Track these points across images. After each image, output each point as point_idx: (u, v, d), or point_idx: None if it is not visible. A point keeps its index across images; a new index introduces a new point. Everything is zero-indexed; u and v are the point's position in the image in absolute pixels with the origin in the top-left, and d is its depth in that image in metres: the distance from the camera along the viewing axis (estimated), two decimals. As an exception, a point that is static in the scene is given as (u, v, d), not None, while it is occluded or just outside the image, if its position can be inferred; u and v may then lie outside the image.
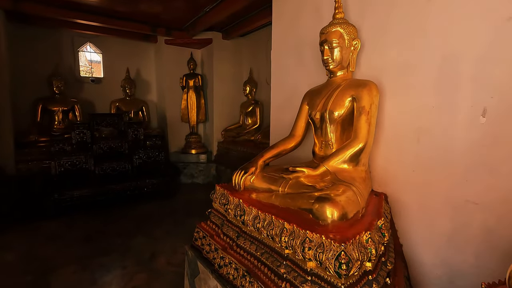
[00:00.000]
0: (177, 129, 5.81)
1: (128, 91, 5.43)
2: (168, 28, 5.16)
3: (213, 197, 1.80)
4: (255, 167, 1.59)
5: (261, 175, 1.58)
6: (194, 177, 5.38)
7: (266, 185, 1.54)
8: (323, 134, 1.59)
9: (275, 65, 2.36)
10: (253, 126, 5.07)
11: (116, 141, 4.38)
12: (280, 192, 1.48)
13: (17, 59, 4.59)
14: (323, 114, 1.56)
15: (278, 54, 2.33)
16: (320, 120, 1.59)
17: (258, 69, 5.32)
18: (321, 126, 1.61)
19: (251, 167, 1.59)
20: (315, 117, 1.64)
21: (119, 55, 5.68)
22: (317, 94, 1.67)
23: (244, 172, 1.57)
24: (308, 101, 1.73)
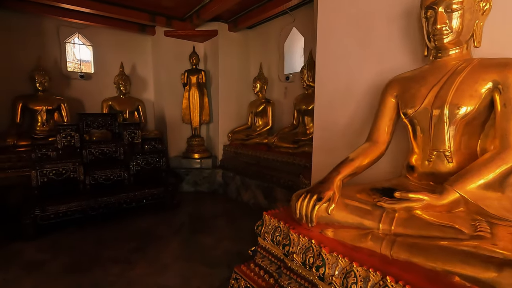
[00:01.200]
0: (178, 131, 5.23)
1: (122, 88, 4.83)
2: (168, 17, 4.58)
3: (261, 231, 1.26)
4: (332, 190, 1.06)
5: (343, 202, 1.06)
6: (197, 184, 4.81)
7: (354, 218, 1.02)
8: (435, 140, 1.08)
9: (323, 48, 1.83)
10: (265, 128, 4.54)
11: (110, 145, 3.78)
12: (382, 231, 0.95)
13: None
14: (439, 110, 1.04)
15: (327, 34, 1.81)
16: (430, 120, 1.08)
17: (268, 65, 4.80)
18: (430, 128, 1.09)
19: (326, 191, 1.06)
20: (416, 115, 1.12)
21: (112, 48, 5.06)
22: (416, 82, 1.15)
23: (317, 198, 1.04)
24: (398, 93, 1.21)
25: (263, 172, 3.93)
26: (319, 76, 1.88)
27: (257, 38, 5.06)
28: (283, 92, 4.60)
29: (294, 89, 4.39)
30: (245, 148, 4.47)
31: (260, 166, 4.04)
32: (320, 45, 1.85)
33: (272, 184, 3.66)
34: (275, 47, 4.67)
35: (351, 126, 1.68)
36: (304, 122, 3.79)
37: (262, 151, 4.08)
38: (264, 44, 4.90)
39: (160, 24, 4.54)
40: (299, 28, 4.24)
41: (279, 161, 3.71)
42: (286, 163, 3.60)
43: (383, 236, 0.95)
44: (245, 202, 4.17)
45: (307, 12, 4.03)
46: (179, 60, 5.12)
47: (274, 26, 4.66)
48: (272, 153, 3.88)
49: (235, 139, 4.79)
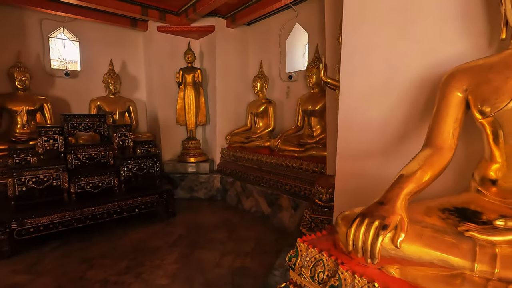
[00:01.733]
0: (172, 133, 4.90)
1: (112, 87, 4.48)
2: (162, 11, 4.26)
3: (295, 263, 0.98)
4: (398, 213, 0.79)
5: (416, 231, 0.79)
6: (194, 190, 4.49)
7: (432, 254, 0.75)
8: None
9: (350, 39, 1.57)
10: (266, 130, 4.26)
11: (98, 149, 3.44)
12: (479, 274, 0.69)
13: (-35, 44, 3.55)
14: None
15: (356, 22, 1.54)
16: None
17: (269, 63, 4.53)
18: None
19: (391, 215, 0.78)
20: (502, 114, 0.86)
21: (101, 44, 4.71)
22: (498, 72, 0.89)
23: (381, 226, 0.76)
24: (469, 86, 0.95)
25: (266, 178, 3.65)
26: (345, 70, 1.61)
27: (256, 34, 4.80)
28: (285, 91, 4.34)
29: (297, 89, 4.14)
30: (245, 152, 4.19)
31: (262, 171, 3.76)
32: (347, 35, 1.58)
33: (277, 191, 3.39)
34: (276, 44, 4.41)
35: (389, 126, 1.42)
36: (310, 123, 3.53)
37: (264, 155, 3.80)
38: (264, 41, 4.64)
39: (153, 18, 4.22)
40: (302, 23, 3.99)
41: (284, 166, 3.44)
42: (292, 168, 3.33)
43: (482, 282, 0.68)
44: (246, 209, 3.88)
45: (312, 6, 3.79)
46: (173, 58, 4.80)
47: (275, 22, 4.40)
48: (276, 157, 3.60)
49: (234, 141, 4.50)
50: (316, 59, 3.44)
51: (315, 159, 3.15)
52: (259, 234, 3.13)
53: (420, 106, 1.32)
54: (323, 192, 2.08)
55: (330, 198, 2.06)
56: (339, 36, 2.14)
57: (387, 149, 1.44)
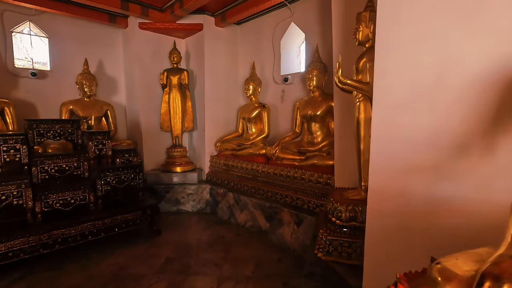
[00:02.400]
0: (155, 140, 4.47)
1: (87, 90, 4.00)
2: (145, 6, 3.87)
3: None
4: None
5: None
6: (180, 203, 4.08)
7: None
8: None
9: (388, 30, 1.31)
10: (259, 136, 3.95)
11: (71, 159, 2.98)
12: None
13: None
14: None
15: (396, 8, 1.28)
16: None
17: (261, 65, 4.25)
18: None
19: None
20: None
21: (74, 41, 4.22)
22: None
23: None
24: None
25: (263, 189, 3.33)
26: (380, 69, 1.35)
27: (246, 35, 4.51)
28: (280, 95, 4.07)
29: (293, 92, 3.88)
30: (237, 160, 3.85)
31: (258, 182, 3.44)
32: (382, 27, 1.32)
33: (276, 204, 3.08)
34: (269, 45, 4.14)
35: (441, 136, 1.16)
36: (310, 129, 3.26)
37: (260, 164, 3.49)
38: (256, 42, 4.36)
39: (134, 13, 3.82)
40: (298, 23, 3.75)
41: (284, 176, 3.14)
42: (293, 178, 3.04)
43: None
44: (240, 224, 3.53)
45: (308, 5, 3.56)
46: (157, 58, 4.40)
47: (268, 22, 4.14)
48: (274, 166, 3.30)
49: (224, 149, 4.16)
50: (316, 60, 3.20)
51: (318, 168, 2.88)
52: (259, 253, 2.80)
53: (484, 110, 1.07)
54: (342, 210, 1.80)
55: (351, 217, 1.78)
56: (356, 31, 1.89)
57: (438, 164, 1.18)
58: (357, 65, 1.89)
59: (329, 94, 3.18)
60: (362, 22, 1.85)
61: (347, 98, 2.39)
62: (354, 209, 1.79)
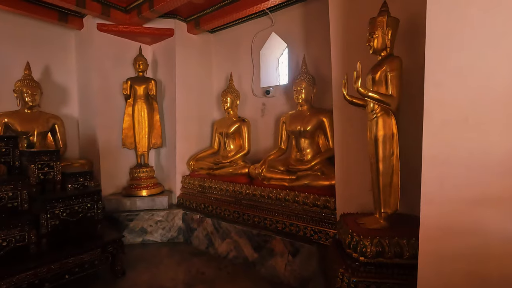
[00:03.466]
0: (115, 159, 3.84)
1: (28, 99, 3.27)
2: (105, 5, 3.35)
3: None
4: None
5: None
6: (147, 232, 3.49)
7: None
8: None
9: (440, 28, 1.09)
10: (239, 153, 3.58)
11: (4, 187, 2.29)
12: None
13: None
14: None
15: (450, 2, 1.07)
16: None
17: (238, 76, 3.95)
18: None
19: None
20: None
21: (12, 41, 3.48)
22: None
23: None
24: None
25: (248, 214, 2.95)
26: (433, 74, 1.11)
27: (221, 43, 4.19)
28: (260, 109, 3.78)
29: (274, 106, 3.62)
30: (215, 181, 3.43)
31: (242, 205, 3.05)
32: (434, 24, 1.10)
33: (266, 231, 2.71)
34: (247, 55, 3.87)
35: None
36: (299, 146, 3.00)
37: (243, 185, 3.11)
38: (232, 52, 4.06)
39: (92, 12, 3.27)
40: (280, 32, 3.55)
41: (273, 199, 2.80)
42: (284, 201, 2.72)
43: None
44: (221, 255, 3.07)
45: (291, 14, 3.39)
46: (119, 65, 3.84)
47: (245, 31, 3.88)
48: (260, 187, 2.95)
49: (199, 168, 3.70)
50: (304, 72, 2.98)
51: (312, 189, 2.60)
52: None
53: None
54: (367, 244, 1.51)
55: (377, 252, 1.50)
56: (371, 37, 1.68)
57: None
58: (373, 75, 1.67)
59: (318, 108, 2.98)
60: (378, 28, 1.65)
61: (348, 112, 2.18)
62: (380, 242, 1.52)
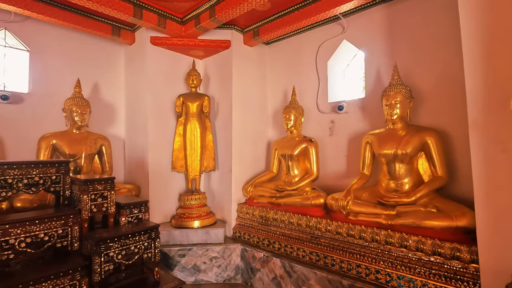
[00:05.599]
0: (164, 184, 3.45)
1: (77, 119, 3.00)
2: (162, 15, 3.07)
3: None
4: None
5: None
6: (200, 271, 3.00)
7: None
8: None
9: None
10: (307, 179, 3.06)
11: (52, 223, 1.91)
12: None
13: None
14: None
15: None
16: None
17: (299, 91, 3.49)
18: None
19: None
20: None
21: (63, 57, 3.29)
22: None
23: None
24: None
25: (332, 257, 2.38)
26: None
27: (277, 55, 3.80)
28: (328, 127, 3.28)
29: (346, 123, 3.11)
30: (281, 212, 2.91)
31: (321, 245, 2.49)
32: None
33: (362, 283, 2.12)
34: (309, 67, 3.44)
35: None
36: (393, 173, 2.42)
37: (321, 219, 2.57)
38: (290, 64, 3.65)
39: (148, 23, 3.00)
40: (353, 40, 3.09)
41: (367, 240, 2.23)
42: (384, 244, 2.14)
43: None
44: (296, 306, 2.50)
45: (373, 17, 2.92)
46: (170, 81, 3.54)
47: (307, 40, 3.47)
48: (345, 223, 2.39)
49: (258, 195, 3.21)
50: (397, 83, 2.46)
51: (424, 231, 2.00)
52: None
53: None
54: None
55: None
56: None
57: None
58: None
59: (418, 126, 2.42)
60: None
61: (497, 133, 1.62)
62: None
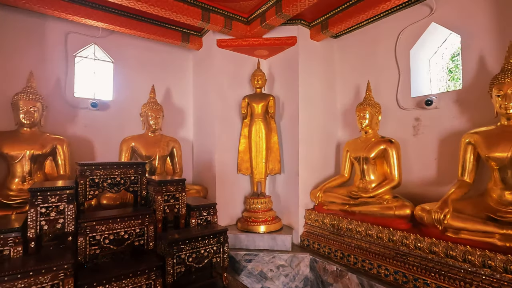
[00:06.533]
0: (230, 186, 3.44)
1: (152, 122, 3.19)
2: (228, 17, 3.07)
3: None
4: None
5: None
6: (267, 278, 2.87)
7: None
8: None
9: None
10: (387, 185, 2.69)
11: (131, 222, 1.99)
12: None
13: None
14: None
15: None
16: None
17: (374, 85, 3.10)
18: None
19: None
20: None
21: (140, 66, 3.56)
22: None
23: None
24: None
25: (425, 281, 1.99)
26: None
27: (347, 49, 3.48)
28: (411, 125, 2.84)
29: (436, 120, 2.64)
30: (356, 221, 2.59)
31: (409, 265, 2.12)
32: None
33: (471, 318, 1.71)
34: (386, 59, 3.04)
35: None
36: (507, 181, 1.93)
37: (408, 233, 2.19)
38: (363, 57, 3.29)
39: (215, 25, 3.02)
40: (446, 22, 2.60)
41: (476, 265, 1.79)
42: (499, 272, 1.68)
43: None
44: (377, 333, 2.17)
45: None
46: (235, 83, 3.53)
47: (383, 29, 3.08)
48: (443, 241, 1.98)
49: (328, 201, 2.95)
50: (513, 68, 1.96)
51: None
52: None
53: None
54: None
55: None
56: None
57: None
58: None
59: (546, 122, 1.88)
60: None
61: None
62: None
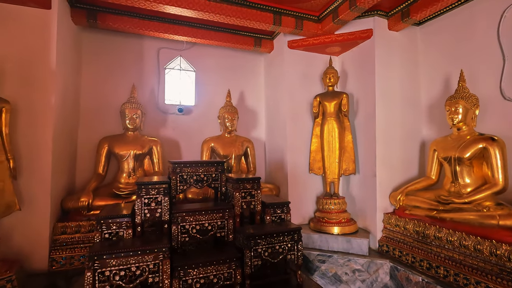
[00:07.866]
0: (302, 185, 3.46)
1: (228, 124, 3.44)
2: (298, 17, 3.09)
3: None
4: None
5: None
6: (342, 282, 2.79)
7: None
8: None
9: None
10: (487, 190, 2.31)
11: (214, 215, 2.20)
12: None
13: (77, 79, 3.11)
14: None
15: None
16: None
17: (469, 75, 2.69)
18: None
19: None
20: None
21: (217, 72, 3.88)
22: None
23: None
24: None
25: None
26: None
27: (433, 37, 3.10)
28: (520, 120, 2.38)
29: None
30: (447, 230, 2.31)
31: None
32: None
33: None
34: (485, 43, 2.60)
35: None
36: None
37: None
38: (453, 44, 2.89)
39: (287, 27, 3.08)
40: None
41: None
42: None
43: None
44: None
45: None
46: (305, 82, 3.52)
47: (478, 10, 2.64)
48: None
49: (411, 205, 2.69)
50: None
51: None
52: None
53: None
54: None
55: None
56: None
57: None
58: None
59: None
60: None
61: None
62: None
